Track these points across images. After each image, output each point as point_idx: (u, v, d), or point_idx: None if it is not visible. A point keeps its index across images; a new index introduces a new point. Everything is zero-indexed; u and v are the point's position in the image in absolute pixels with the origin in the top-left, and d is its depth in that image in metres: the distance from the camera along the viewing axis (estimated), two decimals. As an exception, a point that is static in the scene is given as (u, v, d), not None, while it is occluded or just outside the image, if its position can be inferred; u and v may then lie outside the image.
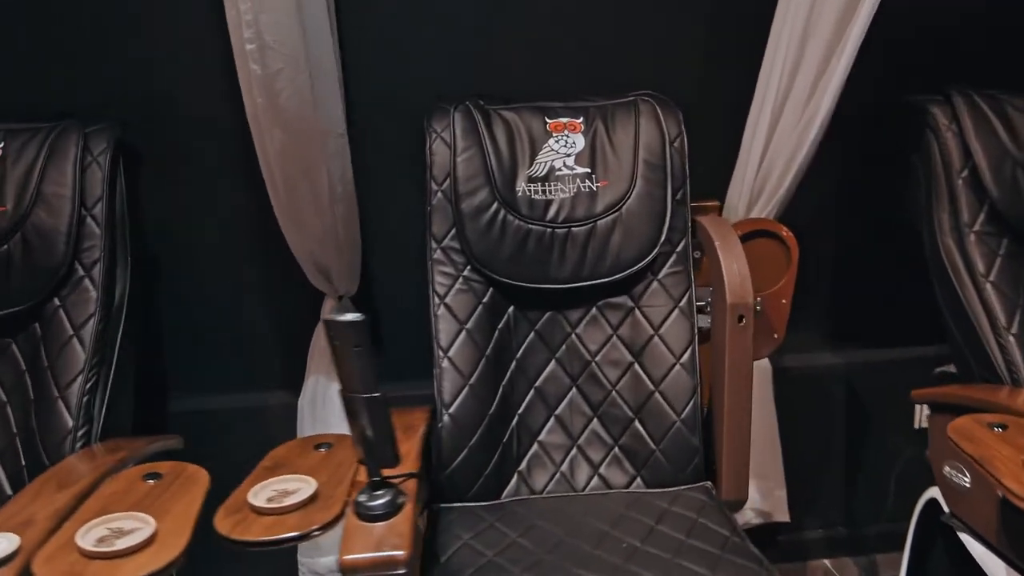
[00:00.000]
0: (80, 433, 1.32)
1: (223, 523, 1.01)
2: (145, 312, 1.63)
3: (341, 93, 1.52)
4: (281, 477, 1.11)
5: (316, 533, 0.98)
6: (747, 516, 1.98)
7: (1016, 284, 1.50)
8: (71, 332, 1.36)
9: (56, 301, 1.38)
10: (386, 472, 1.07)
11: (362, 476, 1.08)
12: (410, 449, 1.19)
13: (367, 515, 1.02)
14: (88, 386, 1.34)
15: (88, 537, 1.00)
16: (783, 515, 2.00)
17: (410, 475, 1.11)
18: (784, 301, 1.68)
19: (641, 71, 1.66)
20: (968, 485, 1.28)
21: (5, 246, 1.38)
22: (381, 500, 1.03)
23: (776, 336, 1.70)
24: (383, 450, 1.02)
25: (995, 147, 1.52)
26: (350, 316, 0.95)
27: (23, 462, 1.32)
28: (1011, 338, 1.44)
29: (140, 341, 1.52)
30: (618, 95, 1.56)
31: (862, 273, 1.97)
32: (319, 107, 1.42)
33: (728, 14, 1.68)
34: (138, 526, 1.03)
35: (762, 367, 1.94)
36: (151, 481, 1.16)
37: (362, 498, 1.03)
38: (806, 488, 2.04)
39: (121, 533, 1.02)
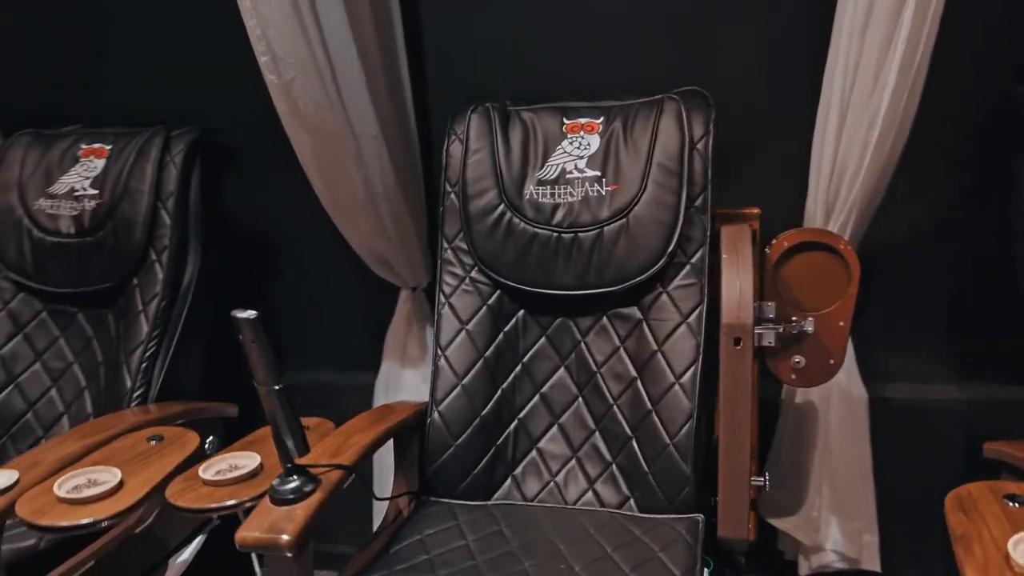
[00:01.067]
0: (136, 394, 1.54)
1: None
2: (230, 294, 1.85)
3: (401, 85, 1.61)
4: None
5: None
6: (828, 558, 1.79)
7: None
8: (140, 308, 1.59)
9: (134, 280, 1.62)
10: (308, 461, 1.14)
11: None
12: (357, 442, 1.25)
13: (275, 498, 1.10)
14: (147, 355, 1.56)
15: (66, 484, 1.19)
16: (873, 563, 1.77)
17: (337, 466, 1.17)
18: (842, 324, 1.47)
19: (697, 68, 1.55)
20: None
21: (101, 232, 1.64)
22: (289, 486, 1.10)
23: (832, 362, 1.50)
24: (290, 438, 1.09)
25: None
26: (246, 313, 1.02)
27: (89, 411, 1.58)
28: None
29: (210, 318, 1.72)
30: (648, 94, 1.47)
31: (993, 294, 1.66)
32: (346, 111, 1.51)
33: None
34: (108, 479, 1.20)
35: (856, 396, 1.73)
36: (153, 442, 1.34)
37: (275, 482, 1.11)
38: (905, 537, 1.78)
39: (93, 484, 1.19)
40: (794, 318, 1.47)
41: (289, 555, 1.03)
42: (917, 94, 1.38)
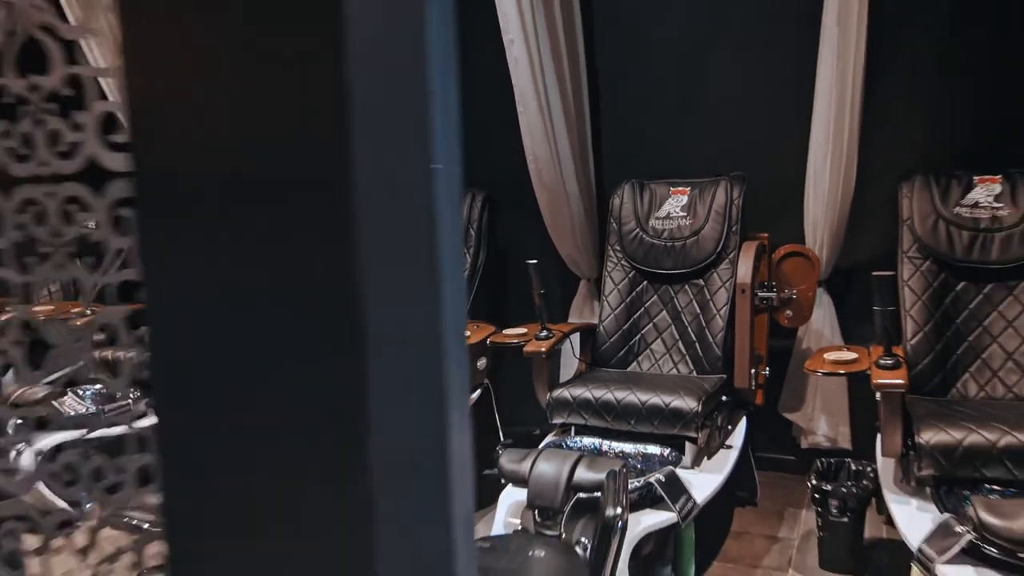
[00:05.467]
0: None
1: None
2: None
3: (589, 170, 3.24)
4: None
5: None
6: (818, 439, 3.14)
7: None
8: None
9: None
10: (551, 326, 2.73)
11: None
12: (567, 327, 2.83)
13: (537, 338, 2.69)
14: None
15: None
16: (845, 443, 3.10)
17: (564, 334, 2.75)
18: (810, 294, 2.89)
19: (744, 160, 3.05)
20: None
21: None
22: (542, 334, 2.69)
23: (806, 314, 2.91)
24: (544, 313, 2.69)
25: None
26: (533, 261, 2.64)
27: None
28: None
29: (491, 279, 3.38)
30: (711, 176, 2.99)
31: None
32: (564, 181, 3.14)
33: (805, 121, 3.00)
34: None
35: (836, 343, 3.10)
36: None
37: (537, 333, 2.71)
38: (865, 428, 3.10)
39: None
40: (786, 291, 2.90)
41: (544, 358, 2.61)
42: (853, 172, 2.79)
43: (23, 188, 0.67)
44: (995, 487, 2.04)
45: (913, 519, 2.07)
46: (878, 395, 2.25)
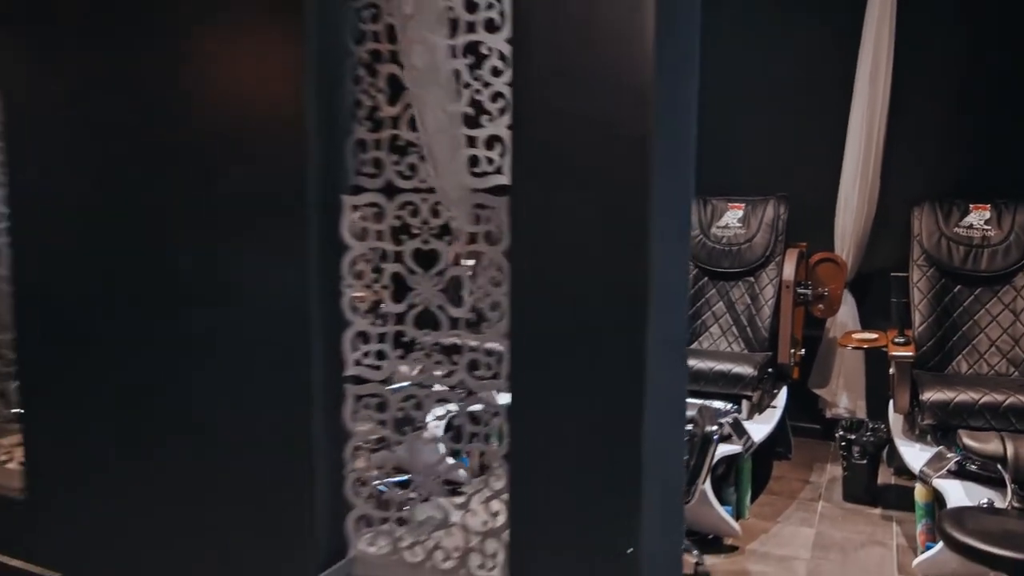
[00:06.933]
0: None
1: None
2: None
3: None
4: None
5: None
6: (840, 411, 3.90)
7: None
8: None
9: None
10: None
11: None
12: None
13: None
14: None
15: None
16: (862, 414, 3.87)
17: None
18: (839, 291, 3.65)
19: (789, 178, 3.82)
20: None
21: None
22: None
23: (835, 308, 3.67)
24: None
25: None
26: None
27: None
28: None
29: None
30: (762, 195, 3.75)
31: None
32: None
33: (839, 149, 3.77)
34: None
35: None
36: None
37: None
38: (880, 399, 3.86)
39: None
40: (819, 288, 3.67)
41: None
42: (875, 196, 3.56)
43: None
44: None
45: (916, 455, 2.82)
46: (892, 366, 3.01)
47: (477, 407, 1.89)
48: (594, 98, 1.49)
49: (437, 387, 1.84)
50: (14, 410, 2.61)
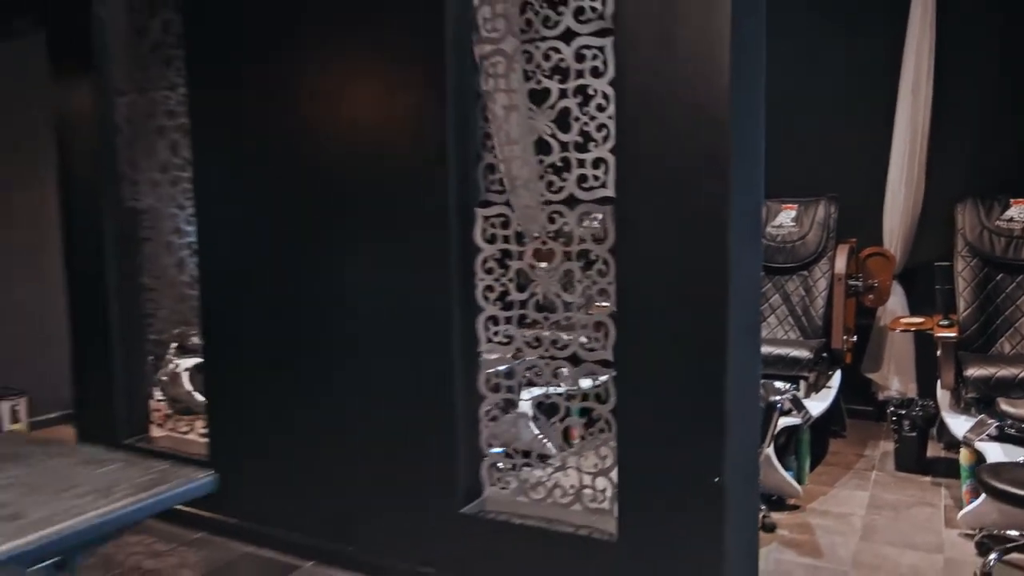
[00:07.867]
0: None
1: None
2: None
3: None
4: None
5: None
6: (891, 393, 4.21)
7: None
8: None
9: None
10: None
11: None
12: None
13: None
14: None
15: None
16: (912, 394, 4.17)
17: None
18: (888, 283, 3.98)
19: (839, 179, 4.15)
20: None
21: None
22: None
23: (884, 298, 3.99)
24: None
25: None
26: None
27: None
28: None
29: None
30: (813, 195, 4.09)
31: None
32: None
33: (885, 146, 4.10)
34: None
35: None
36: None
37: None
38: (930, 380, 4.16)
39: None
40: (870, 280, 3.99)
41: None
42: (921, 194, 3.88)
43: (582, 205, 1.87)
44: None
45: (961, 424, 3.14)
46: (938, 346, 3.33)
47: (584, 382, 2.33)
48: (681, 128, 1.91)
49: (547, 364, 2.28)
50: (197, 395, 3.13)
